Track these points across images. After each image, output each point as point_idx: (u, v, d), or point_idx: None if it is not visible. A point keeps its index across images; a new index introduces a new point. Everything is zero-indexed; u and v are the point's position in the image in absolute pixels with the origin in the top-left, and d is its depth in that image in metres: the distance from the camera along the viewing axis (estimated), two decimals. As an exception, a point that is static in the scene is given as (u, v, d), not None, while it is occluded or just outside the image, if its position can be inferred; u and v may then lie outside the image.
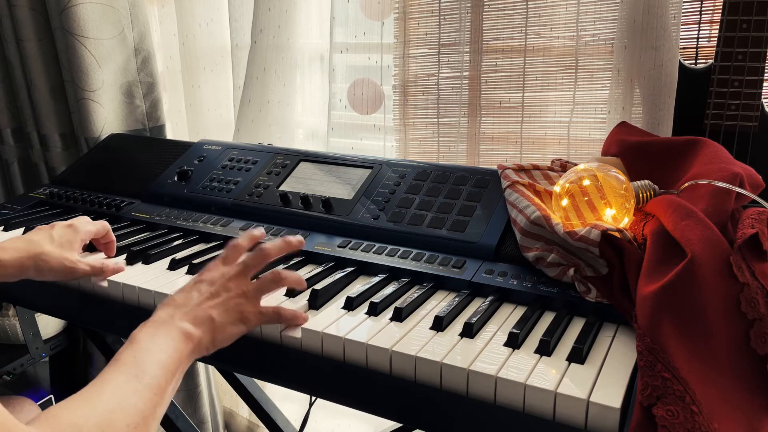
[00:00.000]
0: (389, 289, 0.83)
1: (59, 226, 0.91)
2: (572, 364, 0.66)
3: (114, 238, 0.97)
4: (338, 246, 0.95)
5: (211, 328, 0.69)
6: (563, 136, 1.21)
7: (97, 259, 0.95)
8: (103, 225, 0.95)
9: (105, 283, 0.90)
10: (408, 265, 0.88)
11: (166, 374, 0.61)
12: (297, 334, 0.74)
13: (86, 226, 0.93)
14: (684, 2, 1.08)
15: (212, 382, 1.74)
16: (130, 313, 0.88)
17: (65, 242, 0.89)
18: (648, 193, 0.86)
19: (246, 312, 0.72)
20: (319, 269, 0.91)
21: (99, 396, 0.56)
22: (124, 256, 0.97)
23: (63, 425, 0.50)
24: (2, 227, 1.12)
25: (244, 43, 1.47)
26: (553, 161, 1.03)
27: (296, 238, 0.80)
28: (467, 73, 1.25)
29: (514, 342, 0.70)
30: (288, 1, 1.38)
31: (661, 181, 0.89)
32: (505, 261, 0.86)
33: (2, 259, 0.84)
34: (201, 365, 1.66)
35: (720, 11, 1.00)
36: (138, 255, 0.96)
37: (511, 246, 0.88)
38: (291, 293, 0.83)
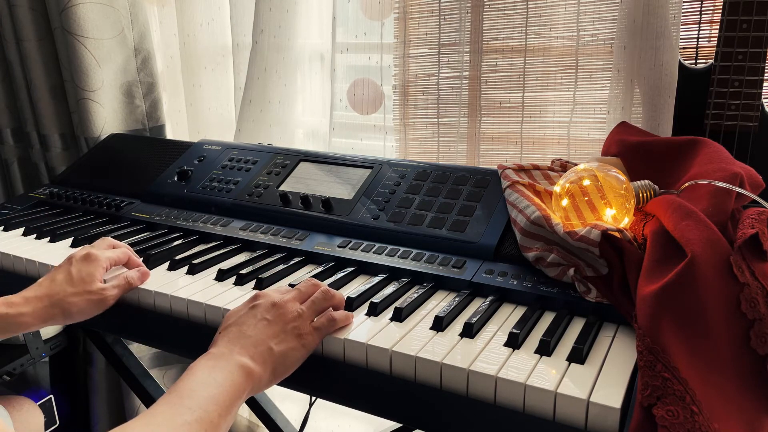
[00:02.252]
0: (389, 289, 0.83)
1: (77, 261, 0.85)
2: (572, 364, 0.66)
3: (139, 262, 0.91)
4: (338, 246, 0.95)
5: (271, 362, 0.67)
6: (563, 136, 1.21)
7: (120, 275, 0.87)
8: (124, 253, 0.90)
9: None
10: (408, 265, 0.88)
11: (220, 410, 0.59)
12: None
13: (105, 253, 0.87)
14: (684, 2, 1.08)
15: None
16: (130, 313, 0.88)
17: (86, 276, 0.83)
18: (648, 193, 0.86)
19: (304, 333, 0.70)
20: (319, 269, 0.91)
21: (145, 428, 0.54)
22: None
23: None
24: (2, 227, 1.12)
25: (245, 43, 1.47)
26: (553, 161, 1.03)
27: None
28: (467, 73, 1.25)
29: (514, 342, 0.70)
30: (289, 1, 1.38)
31: (661, 181, 0.89)
32: (505, 261, 0.86)
33: (23, 314, 0.79)
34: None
35: (720, 11, 0.99)
36: (138, 255, 0.96)
37: (511, 246, 0.88)
38: None
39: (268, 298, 0.73)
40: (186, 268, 0.92)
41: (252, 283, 0.87)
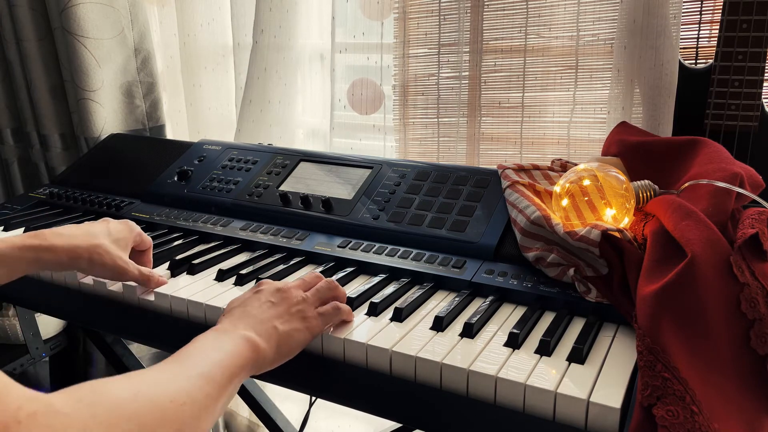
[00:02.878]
0: (389, 289, 0.83)
1: (114, 222, 0.87)
2: (572, 364, 0.66)
3: (151, 260, 0.93)
4: (338, 246, 0.95)
5: (275, 339, 0.66)
6: (563, 136, 1.21)
7: (146, 268, 0.89)
8: (150, 240, 0.92)
9: (112, 285, 0.89)
10: (408, 265, 0.88)
11: (223, 371, 0.57)
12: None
13: (138, 227, 0.89)
14: (684, 2, 1.08)
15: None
16: (130, 313, 0.88)
17: (120, 239, 0.85)
18: (648, 193, 0.86)
19: (309, 316, 0.70)
20: (320, 269, 0.91)
21: (141, 374, 0.52)
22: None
23: (86, 390, 0.44)
24: (2, 227, 1.12)
25: (246, 43, 1.47)
26: (553, 161, 1.03)
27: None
28: (467, 73, 1.25)
29: (514, 342, 0.70)
30: (289, 1, 1.38)
31: (661, 181, 0.89)
32: (505, 261, 0.86)
33: (55, 245, 0.79)
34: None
35: (720, 11, 1.00)
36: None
37: (511, 246, 0.88)
38: None
39: (272, 285, 0.73)
40: (186, 268, 0.92)
41: (252, 284, 0.87)
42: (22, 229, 1.10)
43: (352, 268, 0.90)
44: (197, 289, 0.86)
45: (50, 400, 0.39)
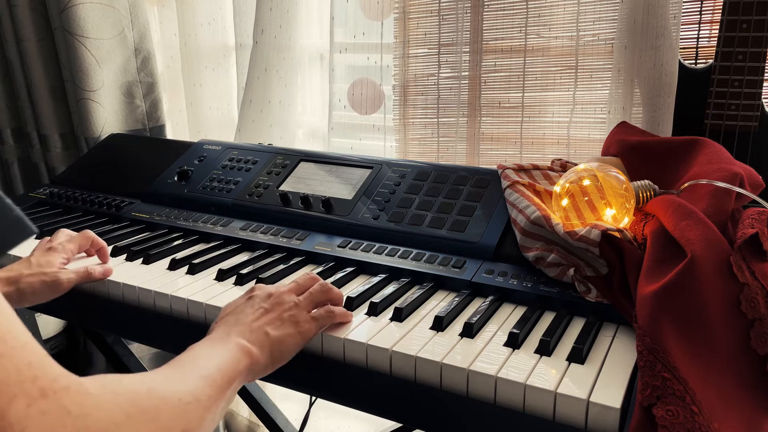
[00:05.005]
0: (389, 289, 0.83)
1: (36, 251, 0.89)
2: (572, 364, 0.66)
3: (103, 243, 0.94)
4: (338, 246, 0.95)
5: (268, 346, 0.66)
6: (563, 136, 1.21)
7: (81, 264, 0.91)
8: (84, 236, 0.92)
9: (112, 285, 0.89)
10: (408, 265, 0.88)
11: (223, 375, 0.58)
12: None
13: (65, 244, 0.90)
14: (684, 2, 1.08)
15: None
16: (131, 313, 0.88)
17: (44, 263, 0.86)
18: (648, 193, 0.86)
19: (301, 321, 0.70)
20: (320, 269, 0.91)
21: (150, 374, 0.53)
22: (124, 255, 0.97)
23: (109, 379, 0.45)
24: (2, 227, 1.12)
25: (248, 43, 1.48)
26: (553, 161, 1.03)
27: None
28: (467, 73, 1.25)
29: (514, 342, 0.70)
30: (289, 1, 1.38)
31: (661, 181, 0.89)
32: (505, 261, 0.86)
33: None
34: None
35: (720, 11, 1.00)
36: (138, 255, 0.96)
37: (511, 246, 0.88)
38: None
39: (265, 290, 0.73)
40: (186, 268, 0.92)
41: (252, 283, 0.87)
42: (22, 229, 1.10)
43: (352, 268, 0.90)
44: (197, 288, 0.86)
45: (80, 380, 0.41)
